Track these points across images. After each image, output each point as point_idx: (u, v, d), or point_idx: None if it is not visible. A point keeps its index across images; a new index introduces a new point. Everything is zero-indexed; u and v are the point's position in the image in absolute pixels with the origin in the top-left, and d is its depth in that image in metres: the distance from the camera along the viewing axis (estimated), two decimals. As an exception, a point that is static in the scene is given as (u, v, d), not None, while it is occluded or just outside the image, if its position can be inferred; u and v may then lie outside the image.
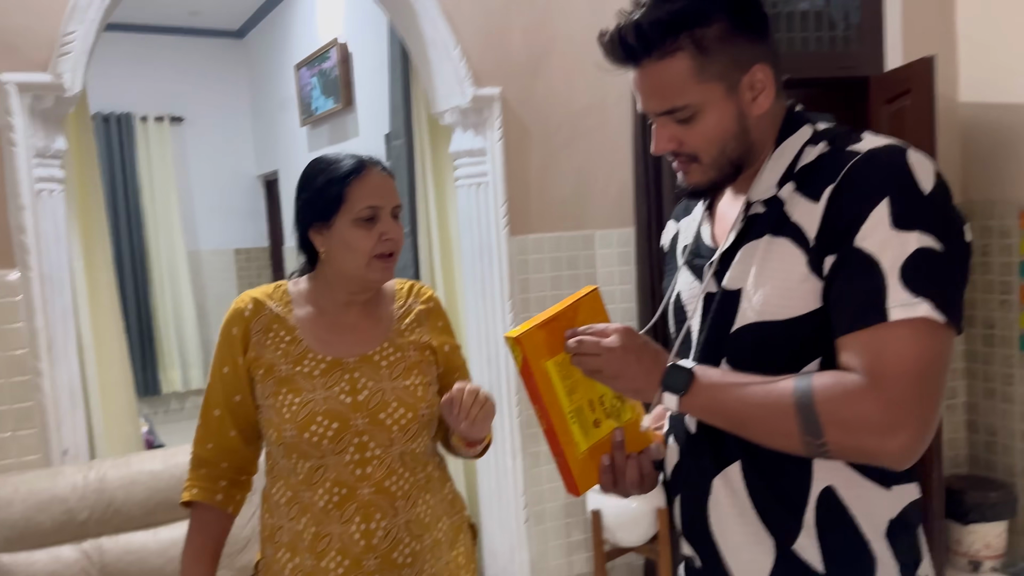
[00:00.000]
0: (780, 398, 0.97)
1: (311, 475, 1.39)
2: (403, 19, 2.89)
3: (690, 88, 1.03)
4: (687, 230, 1.25)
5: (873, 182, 0.96)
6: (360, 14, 4.80)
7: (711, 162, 1.07)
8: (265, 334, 1.43)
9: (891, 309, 0.93)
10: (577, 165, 3.04)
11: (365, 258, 1.39)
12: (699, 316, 1.13)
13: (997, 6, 3.19)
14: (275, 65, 6.42)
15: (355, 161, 1.41)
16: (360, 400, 1.40)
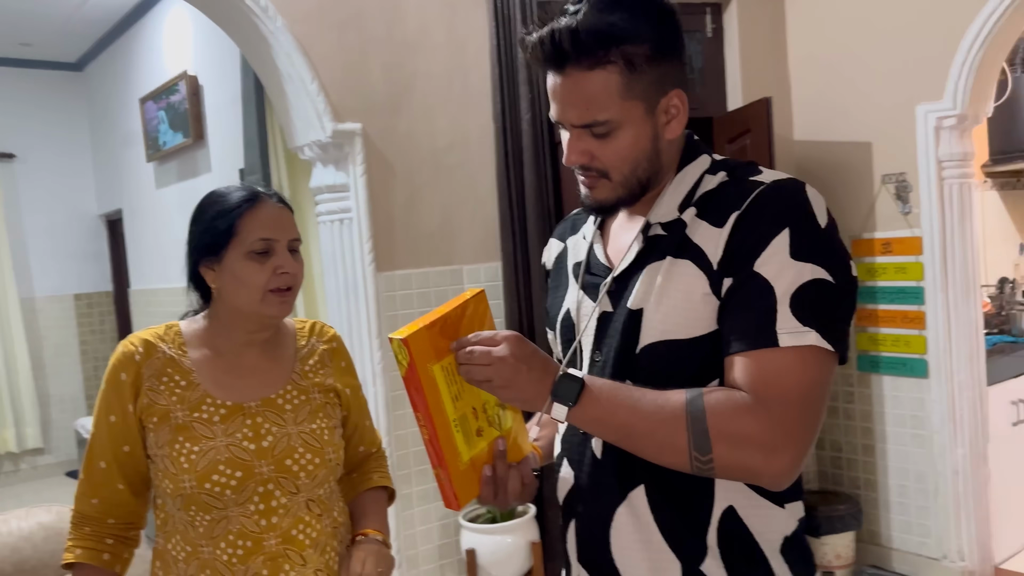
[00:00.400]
0: (672, 411, 0.97)
1: (212, 528, 1.30)
2: (257, 53, 2.81)
3: (613, 104, 1.02)
4: (576, 248, 1.24)
5: (776, 212, 0.99)
6: (211, 46, 4.63)
7: (621, 180, 1.07)
8: (158, 379, 1.33)
9: (780, 335, 0.96)
10: (442, 201, 3.03)
11: (259, 293, 1.32)
12: (592, 335, 1.12)
13: (824, 52, 3.47)
14: (118, 98, 6.08)
15: (248, 192, 1.35)
16: (264, 446, 1.32)
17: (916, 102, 3.13)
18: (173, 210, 5.40)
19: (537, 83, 3.01)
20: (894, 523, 3.42)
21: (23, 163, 6.46)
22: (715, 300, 1.01)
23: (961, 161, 3.11)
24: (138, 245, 6.13)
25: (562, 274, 1.26)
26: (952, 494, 3.20)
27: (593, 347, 1.12)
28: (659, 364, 1.04)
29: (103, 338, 6.98)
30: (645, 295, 1.06)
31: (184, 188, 5.21)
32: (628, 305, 1.07)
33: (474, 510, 3.03)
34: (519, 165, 3.03)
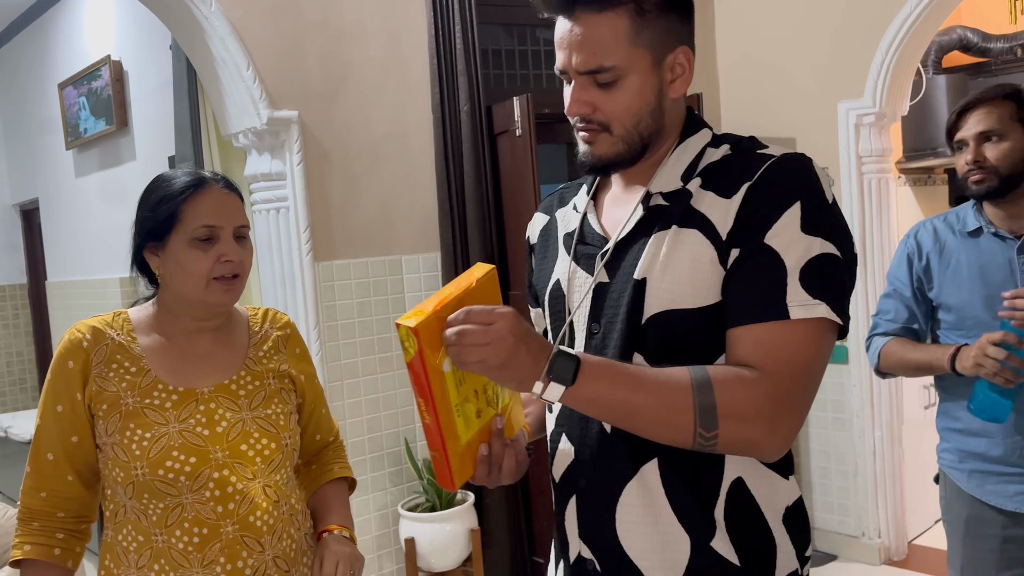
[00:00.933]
0: (676, 388, 0.95)
1: (166, 516, 1.28)
2: (189, 37, 2.75)
3: (621, 49, 1.01)
4: (567, 219, 1.21)
5: (788, 185, 0.99)
6: (136, 30, 4.48)
7: (623, 134, 1.05)
8: (107, 366, 1.31)
9: (791, 307, 0.96)
10: (380, 191, 3.03)
11: (203, 280, 1.30)
12: (588, 306, 1.10)
13: (752, 52, 3.59)
14: (33, 83, 5.82)
15: (193, 177, 1.33)
16: (219, 432, 1.31)
17: (838, 99, 3.27)
18: (94, 199, 5.22)
19: (476, 73, 3.03)
20: (816, 503, 3.57)
21: (-71, 149, 6.14)
22: (722, 270, 1.00)
23: (879, 157, 3.26)
24: (56, 236, 5.89)
25: (550, 246, 1.23)
26: (870, 474, 3.36)
27: (590, 318, 1.10)
28: (666, 334, 1.02)
29: (16, 332, 6.69)
30: (650, 264, 1.04)
31: (106, 177, 5.04)
32: (634, 275, 1.05)
33: (411, 499, 3.04)
34: (458, 155, 3.04)
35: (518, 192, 3.05)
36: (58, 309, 5.96)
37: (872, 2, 3.15)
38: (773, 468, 1.07)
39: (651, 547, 1.05)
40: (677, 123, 1.10)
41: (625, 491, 1.06)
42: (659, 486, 1.05)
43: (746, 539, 1.05)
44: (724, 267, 1.00)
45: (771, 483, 1.06)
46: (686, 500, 1.04)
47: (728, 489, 1.04)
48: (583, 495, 1.11)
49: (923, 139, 4.64)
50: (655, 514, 1.05)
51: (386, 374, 3.03)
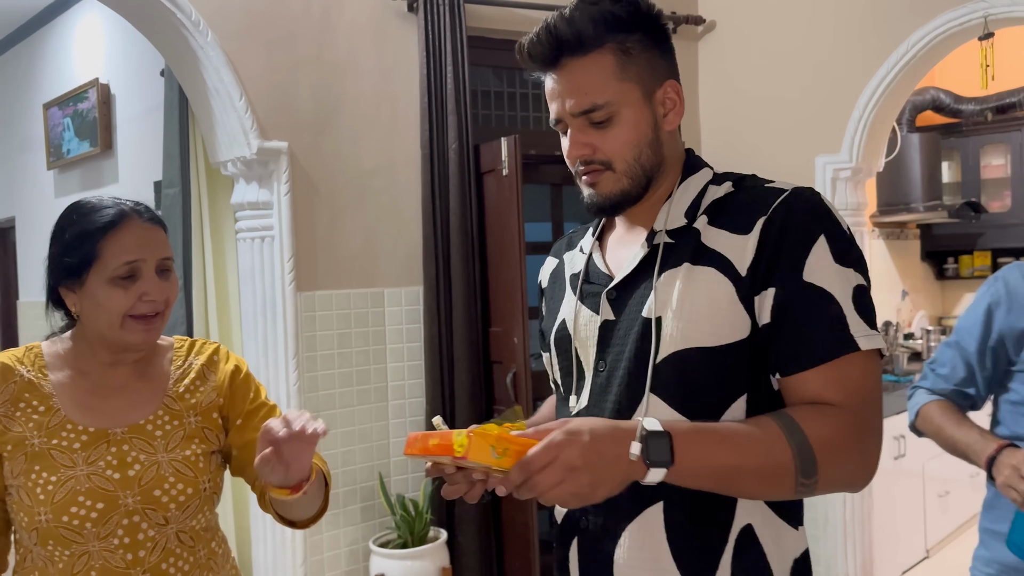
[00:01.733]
0: (772, 443, 0.93)
1: (72, 564, 1.22)
2: (184, 65, 2.77)
3: (611, 85, 1.04)
4: (573, 261, 1.23)
5: (806, 219, 0.99)
6: (125, 55, 4.51)
7: (625, 169, 1.06)
8: (14, 404, 1.25)
9: (858, 339, 0.96)
10: (366, 224, 3.05)
11: (118, 319, 1.23)
12: (594, 344, 1.10)
13: (732, 103, 3.68)
14: (18, 102, 5.81)
15: (114, 212, 1.25)
16: (130, 476, 1.24)
17: (815, 153, 3.36)
18: (73, 221, 5.18)
19: (465, 113, 3.08)
20: (787, 550, 3.58)
21: (-94, 163, 6.08)
22: (742, 308, 1.00)
23: (855, 210, 3.35)
24: (31, 256, 5.83)
25: (557, 287, 1.25)
26: (840, 523, 3.39)
27: (596, 357, 1.10)
28: (684, 373, 1.01)
29: (-16, 353, 6.57)
30: (663, 303, 1.03)
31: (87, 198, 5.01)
32: (642, 313, 1.05)
33: (383, 535, 3.02)
34: (444, 192, 3.08)
35: (502, 230, 3.08)
36: (29, 329, 5.87)
37: (851, 60, 3.26)
38: (783, 516, 1.04)
39: None
40: (676, 159, 1.12)
41: (625, 532, 1.05)
42: (661, 529, 1.03)
43: None
44: (744, 303, 1.00)
45: (779, 532, 1.04)
46: (689, 545, 1.02)
47: (737, 536, 1.02)
48: (584, 536, 1.10)
49: (896, 194, 4.77)
50: (653, 558, 1.03)
51: (363, 407, 3.02)
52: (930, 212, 4.69)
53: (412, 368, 3.13)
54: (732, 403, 1.01)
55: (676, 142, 1.12)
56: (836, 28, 3.31)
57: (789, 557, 1.04)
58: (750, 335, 1.00)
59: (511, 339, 3.05)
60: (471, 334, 3.05)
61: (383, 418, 3.07)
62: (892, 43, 3.11)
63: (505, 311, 3.10)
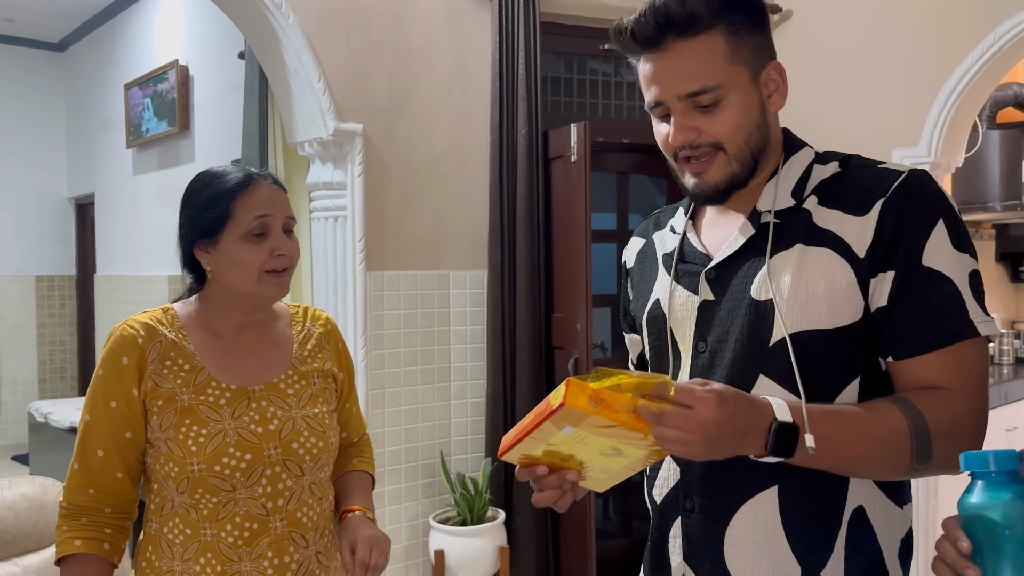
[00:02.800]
0: (892, 433, 0.94)
1: (218, 511, 1.30)
2: (265, 47, 2.85)
3: (721, 67, 1.01)
4: (664, 241, 1.21)
5: (926, 202, 0.98)
6: (204, 38, 4.64)
7: (736, 152, 1.04)
8: (162, 362, 1.32)
9: (977, 324, 0.96)
10: (434, 207, 3.09)
11: (255, 274, 1.32)
12: (692, 325, 1.09)
13: (806, 90, 3.62)
14: (99, 82, 6.03)
15: (243, 174, 1.35)
16: (271, 430, 1.33)
17: (892, 146, 3.28)
18: (150, 197, 5.36)
19: (536, 99, 3.10)
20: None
21: (-5, 139, 6.36)
22: (859, 291, 0.99)
23: (931, 206, 3.26)
24: (108, 231, 6.06)
25: (647, 268, 1.22)
26: (903, 524, 3.33)
27: (695, 337, 1.08)
28: (801, 356, 0.99)
29: (61, 322, 6.86)
30: (777, 284, 1.01)
31: (164, 176, 5.19)
32: (752, 294, 1.03)
33: (443, 512, 3.07)
34: (512, 178, 3.10)
35: (568, 216, 3.10)
36: (104, 302, 6.11)
37: (933, 52, 3.18)
38: (891, 496, 1.04)
39: (761, 574, 1.03)
40: (778, 140, 1.10)
41: (737, 515, 1.04)
42: (776, 513, 1.02)
43: (859, 573, 1.01)
44: (862, 287, 0.99)
45: (888, 512, 1.03)
46: (804, 527, 1.01)
47: (850, 518, 1.01)
48: (690, 517, 1.08)
49: (973, 193, 4.63)
50: (769, 542, 1.02)
51: (427, 386, 3.08)
52: (1008, 212, 4.54)
53: (475, 350, 3.17)
54: (846, 386, 1.01)
55: (778, 124, 1.11)
56: (919, 18, 3.23)
57: (897, 536, 1.04)
58: (863, 318, 0.99)
59: (574, 325, 3.07)
60: (534, 319, 3.08)
61: (445, 398, 3.12)
62: (978, 35, 3.01)
63: (569, 297, 3.11)
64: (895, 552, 1.04)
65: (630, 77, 3.57)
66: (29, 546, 1.97)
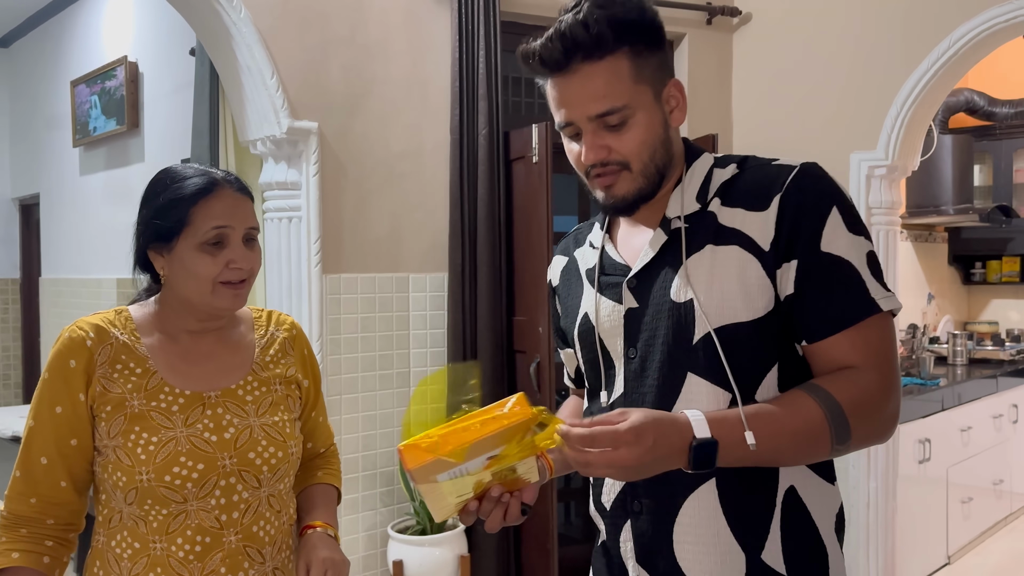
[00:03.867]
0: (810, 423, 0.99)
1: (167, 524, 1.24)
2: (216, 42, 2.75)
3: (627, 88, 1.05)
4: (585, 257, 1.25)
5: (819, 192, 1.05)
6: (154, 34, 4.50)
7: (641, 168, 1.08)
8: (112, 366, 1.26)
9: (878, 300, 1.02)
10: (392, 208, 3.02)
11: (209, 285, 1.26)
12: (620, 333, 1.13)
13: (766, 95, 3.63)
14: (45, 79, 5.83)
15: (205, 179, 1.27)
16: (227, 438, 1.27)
17: (850, 150, 3.31)
18: (98, 197, 5.20)
19: (497, 99, 3.05)
20: (807, 552, 3.54)
21: (-67, 137, 6.11)
22: (768, 282, 1.04)
23: (889, 209, 3.29)
24: (54, 232, 5.86)
25: (572, 284, 1.27)
26: (863, 525, 3.34)
27: (626, 345, 1.13)
28: (723, 350, 1.04)
29: (4, 327, 6.62)
30: (695, 285, 1.06)
31: (112, 176, 5.02)
32: (671, 297, 1.08)
33: (402, 521, 3.00)
34: (473, 178, 3.05)
35: (530, 218, 3.05)
36: (51, 306, 5.90)
37: (891, 55, 3.20)
38: (820, 474, 1.09)
39: (710, 565, 1.07)
40: (681, 152, 1.15)
41: (682, 511, 1.08)
42: (716, 504, 1.07)
43: (798, 549, 1.06)
44: (770, 277, 1.05)
45: (820, 489, 1.09)
46: (743, 513, 1.06)
47: (783, 499, 1.07)
48: (639, 519, 1.12)
49: (926, 196, 4.70)
50: (714, 533, 1.07)
51: (385, 391, 3.01)
52: (960, 215, 4.62)
53: (435, 354, 3.10)
54: (767, 373, 1.05)
55: (679, 137, 1.15)
56: (876, 22, 3.25)
57: (831, 513, 1.09)
58: (775, 307, 1.05)
59: (536, 328, 3.02)
60: (495, 322, 3.03)
61: (404, 403, 3.05)
62: (934, 39, 3.05)
63: (530, 300, 3.07)
64: (831, 527, 1.09)
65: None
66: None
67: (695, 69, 3.64)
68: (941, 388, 3.99)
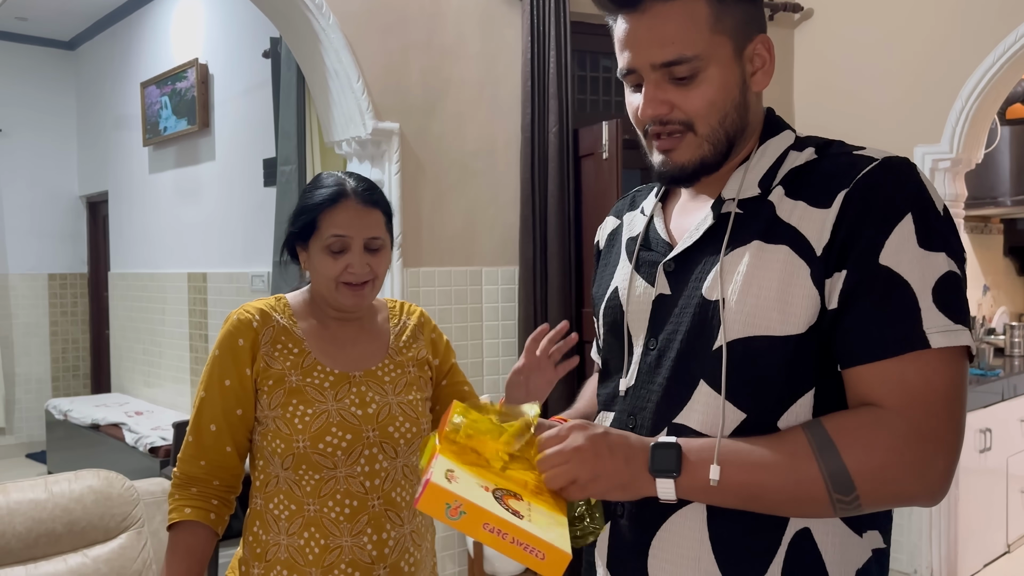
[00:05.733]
0: (796, 456, 0.85)
1: (319, 487, 1.39)
2: (305, 47, 2.89)
3: (702, 36, 0.91)
4: (632, 223, 1.11)
5: (893, 194, 0.87)
6: (226, 36, 4.67)
7: (708, 133, 0.94)
8: (273, 345, 1.42)
9: (931, 335, 0.83)
10: (466, 204, 3.14)
11: (332, 283, 1.41)
12: (645, 319, 1.00)
13: (829, 87, 3.68)
14: (113, 81, 6.05)
15: (334, 191, 1.42)
16: (369, 413, 1.42)
17: (914, 143, 3.35)
18: (167, 195, 5.39)
19: (566, 97, 3.15)
20: (868, 538, 3.60)
21: (7, 138, 6.37)
22: (816, 292, 0.87)
23: (953, 201, 3.34)
24: (123, 228, 6.09)
25: (614, 250, 1.13)
26: (927, 513, 3.40)
27: (647, 333, 0.99)
28: (747, 364, 0.90)
29: (74, 320, 6.88)
30: (728, 283, 0.92)
31: (182, 174, 5.22)
32: (703, 293, 0.94)
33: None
34: (543, 175, 3.16)
35: (599, 213, 3.15)
36: (119, 300, 6.14)
37: (955, 49, 3.24)
38: (847, 521, 0.92)
39: None
40: (758, 123, 0.99)
41: (665, 525, 0.95)
42: (703, 526, 0.92)
43: None
44: (819, 288, 0.88)
45: (842, 539, 0.91)
46: (735, 545, 0.91)
47: (791, 540, 0.90)
48: (619, 523, 1.00)
49: (983, 188, 4.70)
50: (695, 557, 0.93)
51: (461, 381, 3.13)
52: (1017, 207, 4.62)
53: (506, 345, 3.22)
54: (798, 399, 0.89)
55: (760, 104, 1.00)
56: (940, 17, 3.29)
57: (851, 567, 0.92)
58: (817, 323, 0.88)
59: (605, 320, 3.12)
60: (565, 314, 3.14)
61: (479, 392, 3.17)
62: (1001, 32, 3.08)
63: (600, 292, 3.16)
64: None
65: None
66: (97, 537, 2.02)
67: (756, 65, 3.70)
68: (1000, 379, 4.01)
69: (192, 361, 5.12)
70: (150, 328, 5.65)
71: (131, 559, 2.02)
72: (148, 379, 5.73)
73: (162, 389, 5.52)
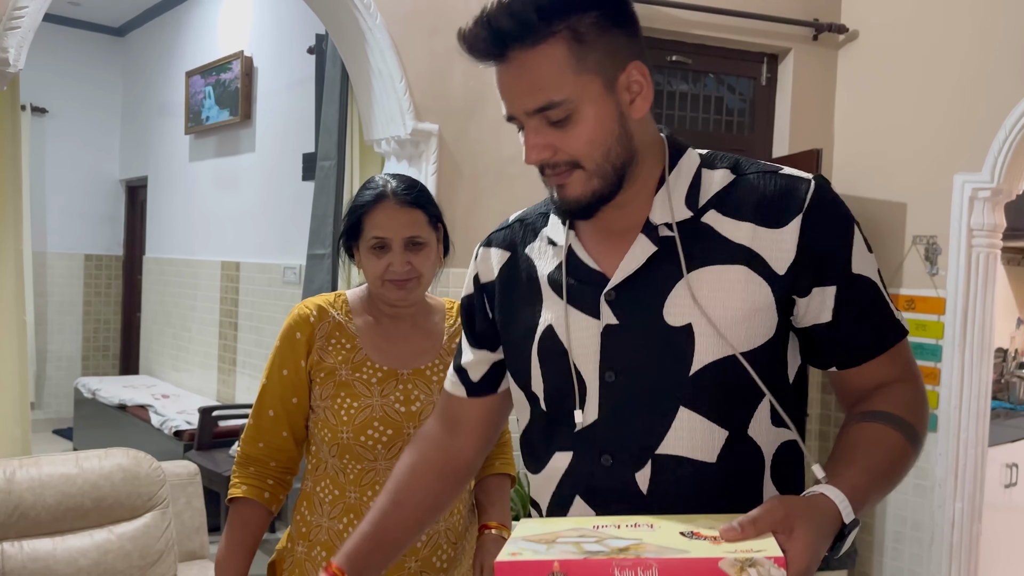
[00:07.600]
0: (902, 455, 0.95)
1: (361, 477, 1.46)
2: (350, 44, 2.93)
3: (567, 79, 0.92)
4: (544, 256, 1.07)
5: (839, 211, 0.98)
6: (273, 30, 4.75)
7: (594, 168, 0.94)
8: (327, 340, 1.49)
9: (901, 321, 1.01)
10: (501, 208, 3.16)
11: (378, 280, 1.48)
12: (596, 352, 0.98)
13: (870, 112, 3.66)
14: (159, 68, 6.16)
15: (375, 193, 1.49)
16: (412, 411, 1.47)
17: (954, 171, 3.32)
18: (206, 183, 5.48)
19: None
20: (887, 567, 3.57)
21: (53, 119, 6.51)
22: (776, 308, 0.95)
23: (991, 232, 3.30)
24: (160, 214, 6.19)
25: (522, 286, 1.08)
26: (947, 545, 3.36)
27: (602, 366, 0.97)
28: (722, 383, 0.94)
29: (107, 301, 7.01)
30: (696, 309, 0.94)
31: (221, 163, 5.30)
32: (665, 319, 0.95)
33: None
34: (579, 183, 3.17)
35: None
36: (152, 283, 6.25)
37: (1000, 78, 3.21)
38: None
39: None
40: (652, 144, 1.00)
41: None
42: None
43: None
44: (779, 304, 0.95)
45: None
46: None
47: None
48: None
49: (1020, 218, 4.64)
50: None
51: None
52: (1057, 239, 4.55)
53: (533, 350, 3.23)
54: (758, 406, 0.96)
55: (648, 127, 1.00)
56: (987, 45, 3.26)
57: None
58: (775, 335, 0.96)
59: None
60: (593, 323, 3.14)
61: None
62: (1048, 65, 3.04)
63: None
64: None
65: (692, 90, 3.62)
66: (124, 515, 2.06)
67: (799, 84, 3.69)
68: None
69: (220, 348, 5.19)
70: (181, 313, 5.73)
71: (155, 538, 2.05)
72: (176, 363, 5.81)
73: (190, 374, 5.60)
